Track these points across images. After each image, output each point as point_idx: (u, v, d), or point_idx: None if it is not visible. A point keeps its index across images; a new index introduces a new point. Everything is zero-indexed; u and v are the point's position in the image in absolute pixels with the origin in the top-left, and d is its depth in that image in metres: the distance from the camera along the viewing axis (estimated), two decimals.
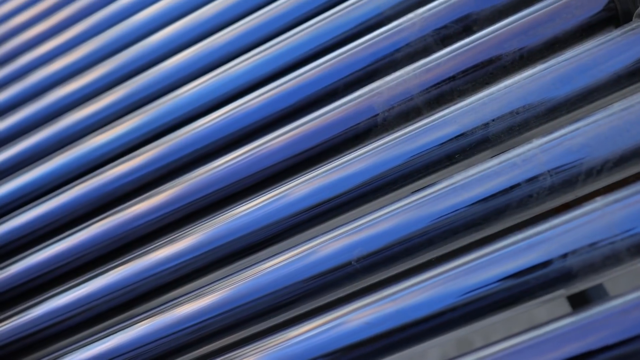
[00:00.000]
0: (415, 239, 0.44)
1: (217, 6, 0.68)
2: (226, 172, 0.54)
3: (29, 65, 0.83)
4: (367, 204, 0.47)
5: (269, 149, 0.51)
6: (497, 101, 0.46)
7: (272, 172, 0.51)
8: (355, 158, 0.47)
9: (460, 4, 0.52)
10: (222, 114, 0.58)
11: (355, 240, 0.44)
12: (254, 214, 0.49)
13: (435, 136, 0.46)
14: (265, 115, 0.54)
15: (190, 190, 0.58)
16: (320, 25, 0.57)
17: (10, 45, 0.86)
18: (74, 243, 0.63)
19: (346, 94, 0.51)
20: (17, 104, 0.80)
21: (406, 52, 0.52)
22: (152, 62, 0.72)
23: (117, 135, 0.67)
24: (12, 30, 0.88)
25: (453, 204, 0.44)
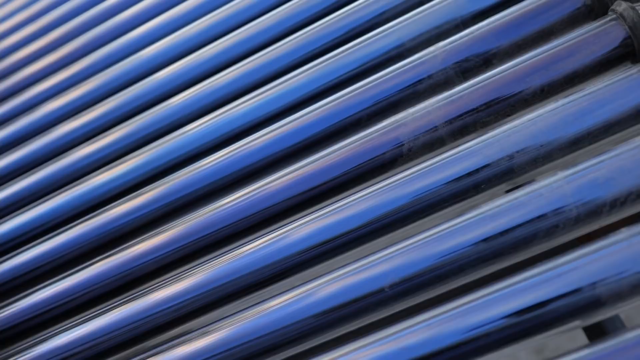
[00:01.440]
0: (446, 266, 0.45)
1: (232, 39, 0.70)
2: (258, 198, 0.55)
3: (30, 101, 0.83)
4: (395, 231, 0.48)
5: (295, 178, 0.52)
6: (522, 134, 0.48)
7: (299, 201, 0.52)
8: (384, 187, 0.48)
9: (480, 38, 0.53)
10: (242, 145, 0.59)
11: (388, 268, 0.45)
12: (298, 235, 0.50)
13: (462, 167, 0.48)
14: (290, 144, 0.55)
15: (198, 227, 0.59)
16: (343, 56, 0.58)
17: (13, 80, 0.86)
18: (76, 281, 0.63)
19: (370, 124, 0.53)
20: (21, 140, 0.80)
21: (428, 84, 0.53)
22: (157, 99, 0.73)
23: (121, 173, 0.67)
24: (15, 64, 0.89)
25: (482, 233, 0.45)
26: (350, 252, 0.50)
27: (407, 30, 0.56)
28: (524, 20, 0.54)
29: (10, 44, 0.92)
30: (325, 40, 0.62)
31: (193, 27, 0.75)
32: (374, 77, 0.54)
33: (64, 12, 0.90)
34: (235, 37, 0.70)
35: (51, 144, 0.76)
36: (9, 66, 0.89)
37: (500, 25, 0.54)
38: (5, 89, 0.86)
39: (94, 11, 0.87)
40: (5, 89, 0.86)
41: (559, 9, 0.54)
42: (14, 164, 0.77)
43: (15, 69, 0.88)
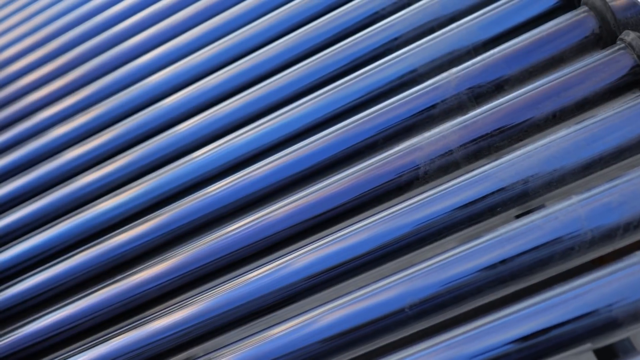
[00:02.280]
0: (464, 287, 0.45)
1: (240, 66, 0.71)
2: (268, 224, 0.55)
3: (36, 127, 0.83)
4: (413, 253, 0.49)
5: (311, 201, 0.53)
6: (536, 158, 0.49)
7: (318, 221, 0.53)
8: (403, 209, 0.49)
9: (492, 65, 0.55)
10: (252, 171, 0.60)
11: (406, 289, 0.45)
12: (323, 257, 0.50)
13: (478, 190, 0.49)
14: (306, 167, 0.56)
15: (202, 254, 0.59)
16: (358, 81, 0.59)
17: (19, 105, 0.86)
18: (79, 308, 0.63)
19: (386, 147, 0.54)
20: (26, 165, 0.80)
21: (442, 108, 0.54)
22: (163, 126, 0.73)
23: (125, 200, 0.68)
24: (22, 89, 0.89)
25: (499, 254, 0.46)
26: (366, 274, 0.51)
27: (420, 56, 0.58)
28: (534, 47, 0.55)
29: (17, 69, 0.92)
30: (339, 65, 0.63)
31: (199, 55, 0.76)
32: (390, 101, 0.56)
33: (70, 38, 0.91)
34: (244, 64, 0.71)
35: (56, 170, 0.76)
36: (16, 91, 0.89)
37: (511, 53, 0.55)
38: (11, 114, 0.86)
39: (100, 38, 0.88)
40: (11, 114, 0.86)
41: (568, 37, 0.55)
42: (19, 190, 0.78)
43: (22, 94, 0.88)
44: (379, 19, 0.64)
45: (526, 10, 0.58)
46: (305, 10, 0.71)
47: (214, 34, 0.78)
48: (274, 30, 0.73)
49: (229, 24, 0.78)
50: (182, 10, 0.84)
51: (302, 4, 0.72)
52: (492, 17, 0.58)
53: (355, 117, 0.56)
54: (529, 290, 0.45)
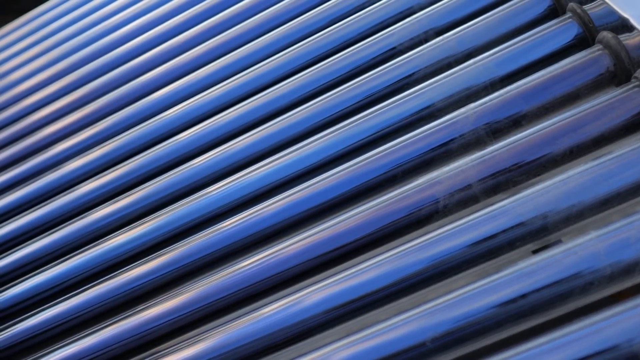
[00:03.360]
0: (485, 322, 0.46)
1: (256, 101, 0.71)
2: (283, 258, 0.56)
3: (51, 159, 0.84)
4: (432, 286, 0.49)
5: (334, 232, 0.53)
6: (554, 193, 0.49)
7: (337, 254, 0.53)
8: (422, 243, 0.50)
9: (509, 101, 0.55)
10: (273, 203, 0.60)
11: (428, 322, 0.46)
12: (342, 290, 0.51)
13: (497, 224, 0.49)
14: (328, 198, 0.57)
15: (216, 289, 0.60)
16: (376, 115, 0.60)
17: (36, 138, 0.87)
18: (91, 343, 0.63)
19: (404, 180, 0.54)
20: (42, 198, 0.81)
21: (460, 143, 0.55)
22: (178, 160, 0.74)
23: (139, 234, 0.68)
24: (38, 121, 0.90)
25: (519, 288, 0.46)
26: (384, 309, 0.51)
27: (438, 91, 0.59)
28: (551, 84, 0.56)
29: (34, 101, 0.93)
30: (357, 100, 0.64)
31: (214, 91, 0.77)
32: (409, 135, 0.56)
33: (88, 71, 0.92)
34: (259, 99, 0.72)
35: (70, 204, 0.77)
36: (32, 123, 0.90)
37: (527, 89, 0.56)
38: (27, 146, 0.87)
39: (117, 72, 0.89)
40: (27, 146, 0.87)
41: (583, 75, 0.56)
42: (33, 223, 0.78)
43: (38, 127, 0.89)
44: (396, 55, 0.65)
45: (541, 48, 0.59)
46: (321, 47, 0.72)
47: (229, 69, 0.79)
48: (290, 66, 0.73)
49: (245, 60, 0.79)
50: (199, 45, 0.85)
51: (318, 40, 0.73)
52: (508, 54, 0.59)
53: (375, 151, 0.57)
54: (549, 324, 0.46)
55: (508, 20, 0.62)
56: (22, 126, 0.91)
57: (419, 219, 0.52)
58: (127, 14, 0.99)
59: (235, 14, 0.86)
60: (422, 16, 0.66)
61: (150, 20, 0.94)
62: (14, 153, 0.88)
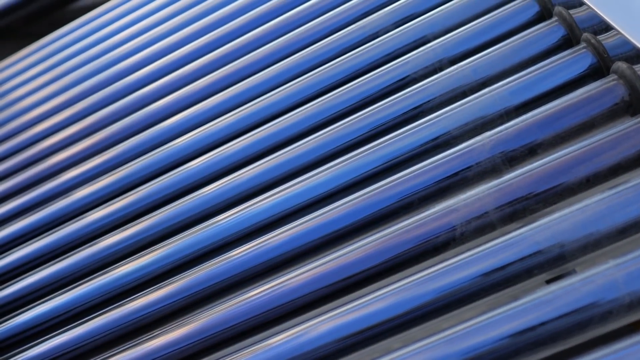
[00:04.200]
0: (502, 350, 0.45)
1: (269, 129, 0.71)
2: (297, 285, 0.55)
3: (62, 186, 0.84)
4: (449, 313, 0.49)
5: (348, 260, 0.53)
6: (571, 222, 0.49)
7: (350, 283, 0.53)
8: (437, 271, 0.49)
9: (525, 129, 0.56)
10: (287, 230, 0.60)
11: (447, 351, 0.45)
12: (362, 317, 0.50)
13: (514, 252, 0.49)
14: (343, 225, 0.57)
15: (223, 319, 0.59)
16: (391, 143, 0.60)
17: (46, 164, 0.87)
18: None
19: (421, 208, 0.54)
20: (51, 225, 0.80)
21: (476, 171, 0.55)
22: (187, 188, 0.74)
23: (147, 262, 0.68)
24: (49, 148, 0.90)
25: (537, 316, 0.46)
26: (398, 336, 0.50)
27: (453, 119, 0.59)
28: (566, 113, 0.56)
29: (44, 128, 0.94)
30: (370, 128, 0.64)
31: (224, 119, 0.77)
32: (425, 162, 0.56)
33: (98, 99, 0.93)
34: (270, 128, 0.72)
35: (79, 231, 0.77)
36: (41, 150, 0.90)
37: (543, 118, 0.56)
38: (37, 173, 0.87)
39: (128, 99, 0.89)
40: (37, 173, 0.87)
41: (598, 104, 0.56)
42: (41, 250, 0.78)
43: (48, 154, 0.89)
44: (410, 83, 0.65)
45: (556, 77, 0.59)
46: (333, 75, 0.72)
47: (239, 98, 0.80)
48: (302, 95, 0.73)
49: (255, 89, 0.79)
50: (209, 74, 0.86)
51: (330, 69, 0.73)
52: (522, 83, 0.59)
53: (391, 178, 0.57)
54: (568, 353, 0.45)
55: (522, 50, 0.62)
56: (31, 153, 0.91)
57: (436, 246, 0.52)
58: (138, 42, 0.99)
59: (245, 43, 0.86)
60: (436, 45, 0.67)
61: (160, 49, 0.95)
62: (23, 180, 0.88)
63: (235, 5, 0.93)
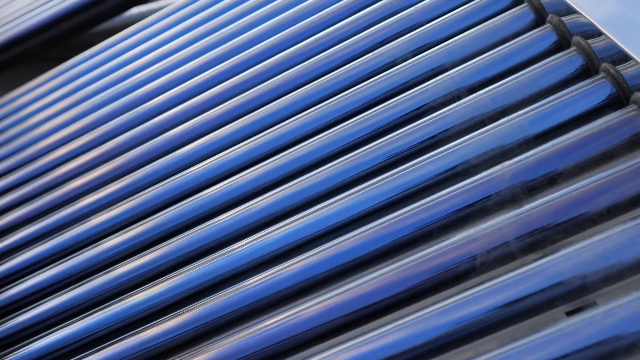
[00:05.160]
0: None
1: (285, 157, 0.71)
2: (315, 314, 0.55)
3: (78, 212, 0.84)
4: (469, 344, 0.48)
5: (367, 289, 0.53)
6: (593, 253, 0.48)
7: (370, 311, 0.52)
8: (460, 300, 0.49)
9: (545, 159, 0.55)
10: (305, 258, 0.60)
11: None
12: None
13: (535, 282, 0.48)
14: (361, 254, 0.56)
15: (236, 349, 0.58)
16: (410, 171, 0.60)
17: (63, 191, 0.87)
18: None
19: (440, 237, 0.54)
20: (65, 253, 0.80)
21: (496, 200, 0.54)
22: (203, 216, 0.73)
23: (161, 291, 0.68)
24: (65, 174, 0.90)
25: (559, 349, 0.45)
26: None
27: (473, 148, 0.58)
28: (586, 143, 0.56)
29: (61, 154, 0.94)
30: (389, 155, 0.63)
31: (239, 148, 0.77)
32: (445, 191, 0.56)
33: (115, 126, 0.93)
34: (285, 157, 0.72)
35: (94, 258, 0.77)
36: (60, 176, 0.90)
37: (563, 147, 0.56)
38: (54, 199, 0.87)
39: (144, 127, 0.89)
40: (53, 200, 0.87)
41: (618, 134, 0.56)
42: (55, 277, 0.78)
43: (65, 180, 0.89)
44: (429, 112, 0.65)
45: (575, 107, 0.59)
46: (350, 104, 0.72)
47: (254, 126, 0.79)
48: (318, 123, 0.73)
49: (270, 117, 0.79)
50: (224, 103, 0.86)
51: (346, 97, 0.73)
52: (541, 112, 0.59)
53: (410, 207, 0.56)
54: None
55: (541, 79, 0.62)
56: (48, 179, 0.91)
57: (456, 276, 0.51)
58: (154, 70, 1.00)
59: (262, 71, 0.86)
60: (454, 73, 0.67)
61: (176, 77, 0.95)
62: (40, 206, 0.88)
63: (251, 34, 0.93)
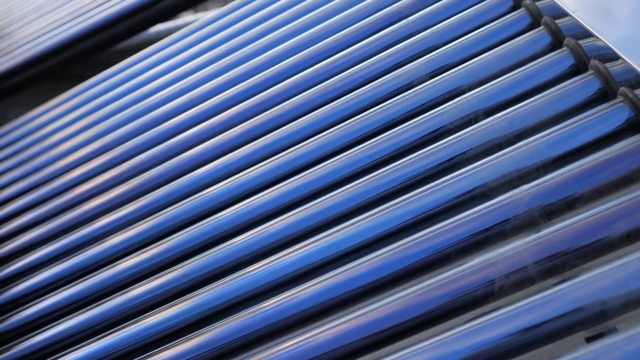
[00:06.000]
0: None
1: (305, 177, 0.71)
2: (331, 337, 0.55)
3: (96, 232, 0.84)
4: None
5: (385, 312, 0.52)
6: (613, 279, 0.48)
7: (388, 335, 0.52)
8: (478, 324, 0.48)
9: (563, 183, 0.55)
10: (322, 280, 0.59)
11: None
12: None
13: (554, 308, 0.48)
14: (377, 277, 0.56)
15: None
16: (428, 194, 0.59)
17: (80, 211, 0.88)
18: None
19: (458, 260, 0.53)
20: (82, 273, 0.81)
21: (514, 224, 0.54)
22: (219, 238, 0.73)
23: (176, 312, 0.68)
24: (82, 194, 0.91)
25: None
26: None
27: (490, 171, 0.58)
28: (604, 167, 0.55)
29: (80, 174, 0.94)
30: (406, 178, 0.63)
31: (256, 169, 0.77)
32: (463, 214, 0.56)
33: (133, 146, 0.93)
34: (302, 178, 0.72)
35: (111, 279, 0.77)
36: (78, 195, 0.91)
37: (581, 171, 0.55)
38: (71, 219, 0.87)
39: (161, 147, 0.90)
40: (71, 219, 0.87)
41: (637, 158, 0.55)
42: (72, 297, 0.78)
43: (82, 200, 0.90)
44: (445, 134, 0.65)
45: (593, 131, 0.59)
46: (367, 126, 0.72)
47: (270, 148, 0.79)
48: (335, 145, 0.73)
49: (286, 139, 0.79)
50: (240, 124, 0.86)
51: (364, 119, 0.73)
52: (559, 135, 0.59)
53: (427, 230, 0.56)
54: None
55: (558, 102, 0.62)
56: (66, 199, 0.92)
57: (475, 300, 0.51)
58: (173, 89, 1.00)
59: (279, 92, 0.87)
60: (472, 96, 0.66)
61: (194, 97, 0.96)
62: (58, 226, 0.89)
63: (269, 55, 0.94)
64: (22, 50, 1.58)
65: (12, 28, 1.71)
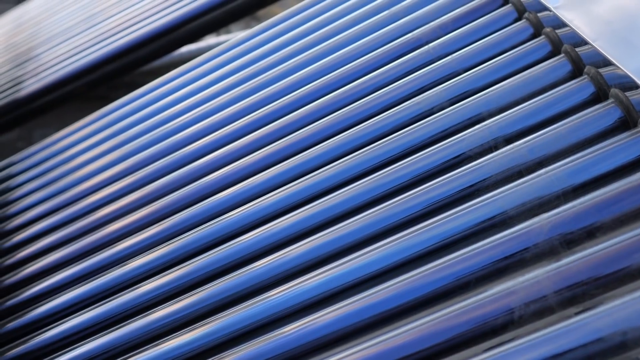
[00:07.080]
0: None
1: (325, 203, 0.71)
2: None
3: (113, 257, 0.85)
4: None
5: (404, 340, 0.52)
6: (634, 309, 0.48)
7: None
8: (498, 354, 0.48)
9: (583, 212, 0.55)
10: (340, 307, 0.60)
11: None
12: None
13: (575, 338, 0.48)
14: (396, 305, 0.56)
15: None
16: (447, 221, 0.60)
17: (101, 234, 0.89)
18: None
19: (478, 288, 0.53)
20: (104, 295, 0.81)
21: (534, 252, 0.54)
22: (239, 262, 0.74)
23: (198, 336, 0.68)
24: (103, 217, 0.91)
25: None
26: None
27: (510, 199, 0.58)
28: (625, 197, 0.55)
29: (103, 196, 0.95)
30: (425, 205, 0.64)
31: (277, 194, 0.77)
32: (483, 242, 0.56)
33: (155, 169, 0.94)
34: (322, 204, 0.72)
35: (132, 302, 0.77)
36: (100, 218, 0.91)
37: (601, 200, 0.55)
38: (92, 241, 0.88)
39: (183, 171, 0.90)
40: (92, 242, 0.88)
41: None
42: (93, 320, 0.78)
43: (104, 223, 0.90)
44: (465, 161, 0.65)
45: (614, 160, 0.59)
46: (387, 152, 0.72)
47: (291, 173, 0.80)
48: (355, 171, 0.74)
49: (307, 164, 0.79)
50: (261, 149, 0.86)
51: (383, 145, 0.73)
52: (580, 164, 0.59)
53: (447, 257, 0.56)
54: None
55: (579, 130, 0.62)
56: (89, 221, 0.93)
57: (494, 329, 0.51)
58: (196, 113, 1.01)
59: (299, 117, 0.87)
60: (492, 123, 0.67)
61: (215, 121, 0.96)
62: (80, 248, 0.89)
63: (289, 80, 0.94)
64: (48, 73, 1.60)
65: (39, 51, 1.74)
